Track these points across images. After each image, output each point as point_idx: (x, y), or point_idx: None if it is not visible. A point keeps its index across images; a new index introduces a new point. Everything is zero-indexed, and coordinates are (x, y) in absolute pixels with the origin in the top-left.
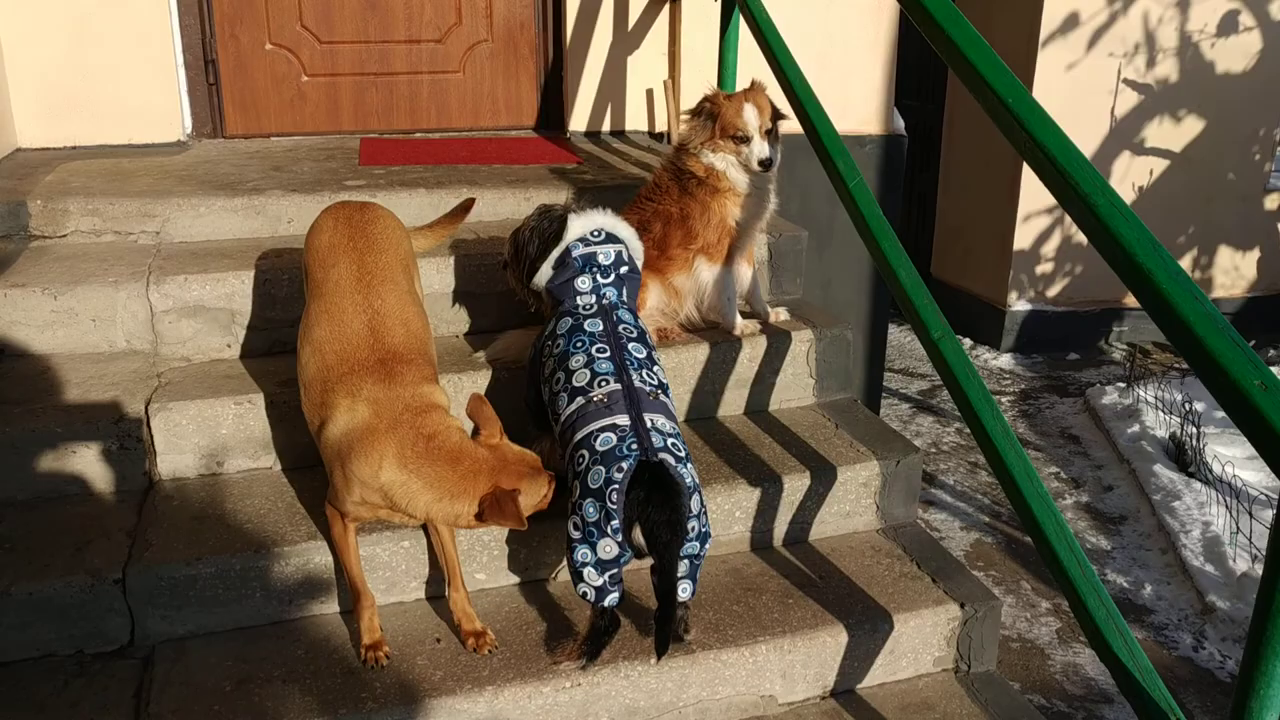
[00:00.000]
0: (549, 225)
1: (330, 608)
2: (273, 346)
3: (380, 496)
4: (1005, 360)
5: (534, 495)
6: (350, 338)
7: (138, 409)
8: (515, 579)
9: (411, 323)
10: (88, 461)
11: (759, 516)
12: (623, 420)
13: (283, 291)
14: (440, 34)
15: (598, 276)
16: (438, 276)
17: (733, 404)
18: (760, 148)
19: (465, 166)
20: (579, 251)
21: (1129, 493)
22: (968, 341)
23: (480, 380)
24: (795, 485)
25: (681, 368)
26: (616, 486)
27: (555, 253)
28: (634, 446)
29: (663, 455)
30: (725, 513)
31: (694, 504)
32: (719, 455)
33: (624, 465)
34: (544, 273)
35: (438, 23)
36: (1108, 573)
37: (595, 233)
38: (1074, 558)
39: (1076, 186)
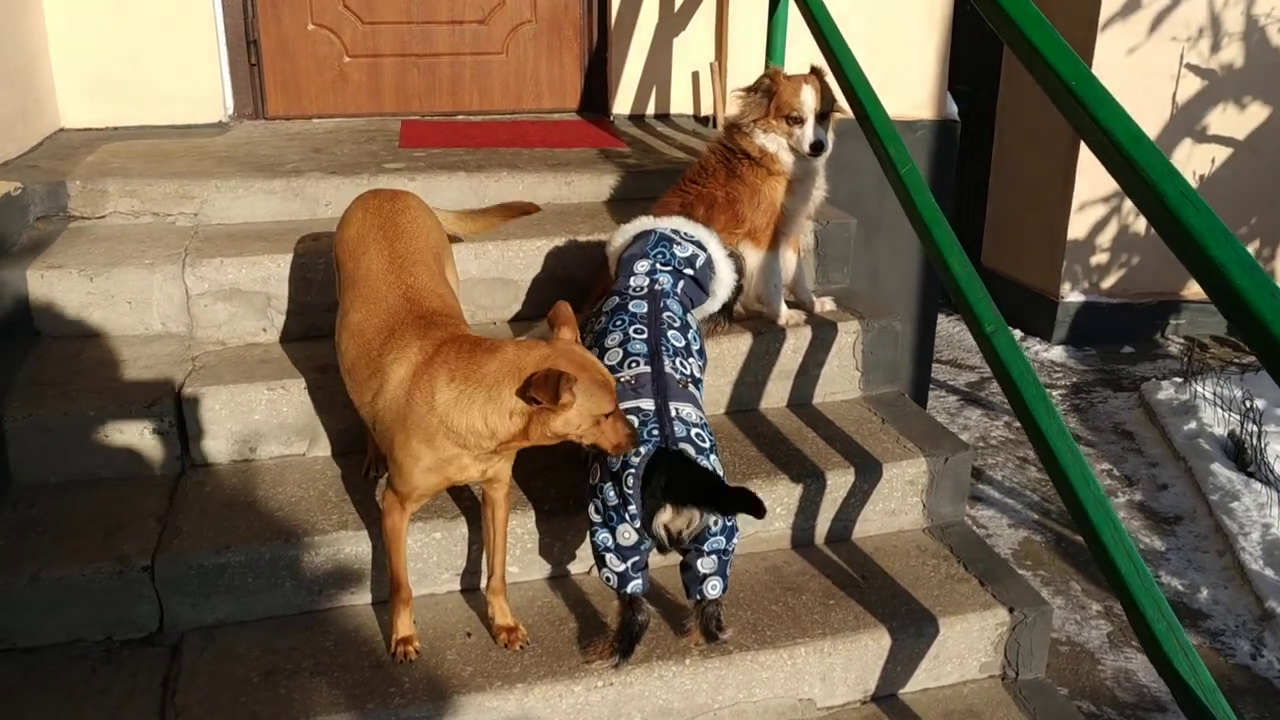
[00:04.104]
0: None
1: (360, 599)
2: (308, 331)
3: (448, 438)
4: (1057, 353)
5: (591, 403)
6: (387, 310)
7: (172, 393)
8: (548, 571)
9: (446, 298)
10: (120, 445)
11: (800, 513)
12: (648, 405)
13: (319, 275)
14: (483, 15)
15: (658, 263)
16: (475, 263)
17: (776, 396)
18: (812, 131)
19: (506, 150)
20: (662, 230)
21: (1184, 492)
22: (1018, 333)
23: None
24: (839, 482)
25: (723, 358)
26: (633, 471)
27: (644, 224)
28: (654, 433)
29: (683, 445)
30: (766, 509)
31: None
32: (760, 449)
33: (641, 450)
34: (626, 233)
35: (481, 3)
36: (1162, 575)
37: (688, 234)
38: (1132, 565)
39: (1144, 174)
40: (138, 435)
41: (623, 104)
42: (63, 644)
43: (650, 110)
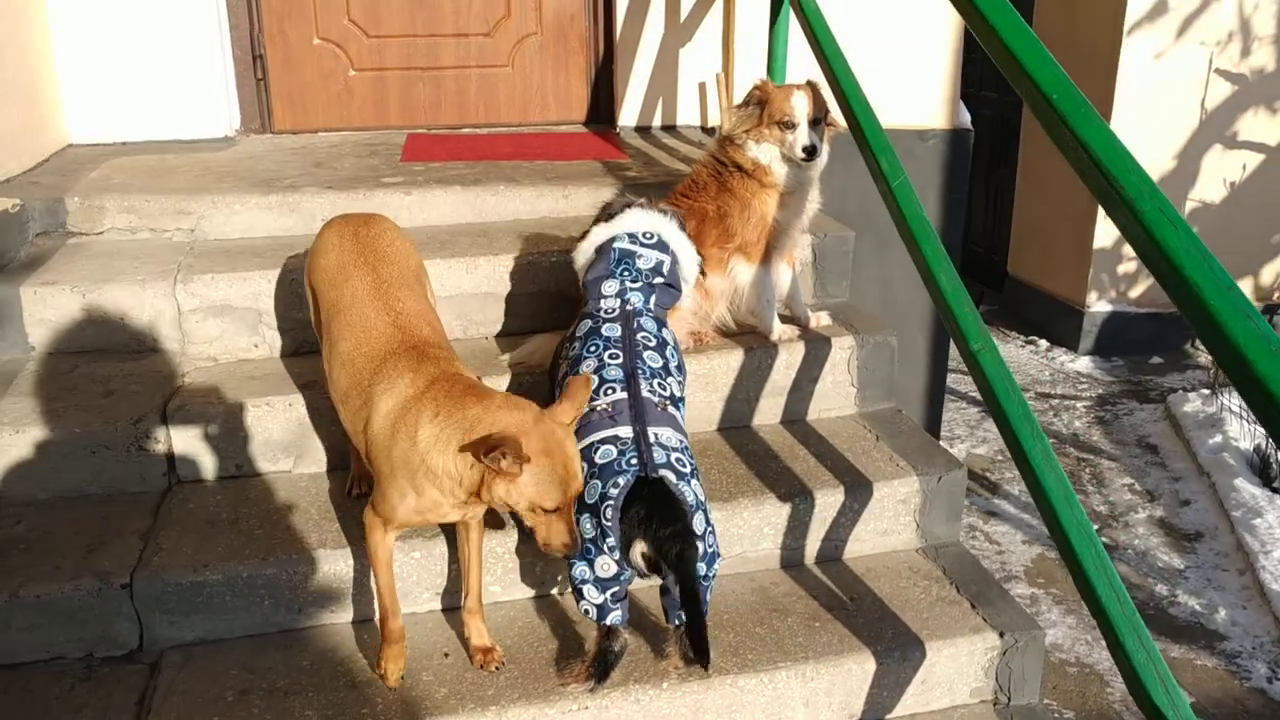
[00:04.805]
0: (614, 207)
1: (340, 617)
2: (299, 347)
3: (427, 478)
4: (1083, 363)
5: (536, 491)
6: (377, 338)
7: (159, 409)
8: (530, 592)
9: (435, 323)
10: (108, 462)
11: (789, 533)
12: (625, 432)
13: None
14: (489, 27)
15: (626, 280)
16: (467, 277)
17: (768, 412)
18: (804, 135)
19: (507, 163)
20: (621, 245)
21: (1207, 508)
22: (1044, 343)
23: (505, 384)
24: (829, 501)
25: (714, 373)
26: (611, 503)
27: (601, 235)
28: (633, 461)
29: (663, 472)
30: (753, 529)
31: (698, 523)
32: (749, 467)
33: (620, 481)
34: (586, 252)
35: (486, 16)
36: (1179, 594)
37: (648, 234)
38: (1112, 592)
39: (1120, 190)
40: (125, 452)
41: (629, 115)
42: (43, 661)
43: (657, 122)
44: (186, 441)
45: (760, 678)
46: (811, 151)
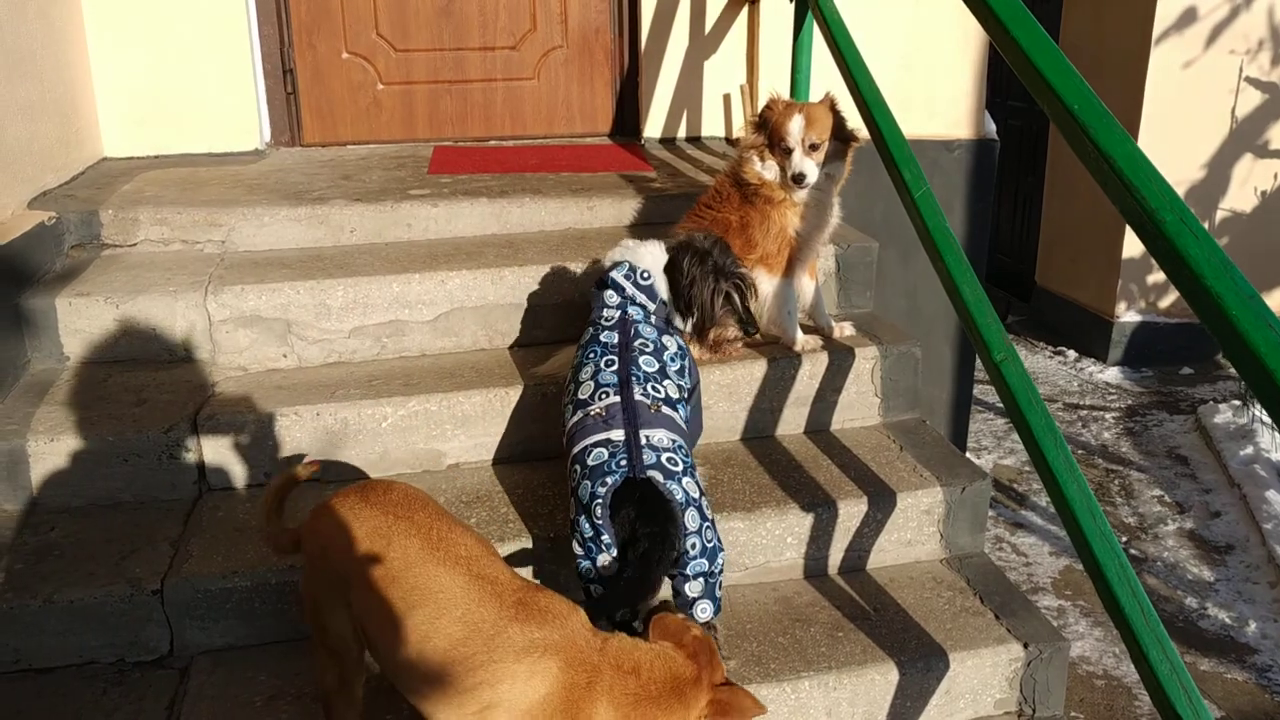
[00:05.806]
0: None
1: None
2: (328, 357)
3: None
4: (1112, 374)
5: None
6: (470, 598)
7: (189, 418)
8: None
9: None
10: (140, 470)
11: (813, 543)
12: (618, 435)
13: (338, 301)
14: (515, 40)
15: (625, 297)
16: (493, 288)
17: (792, 422)
18: (796, 162)
19: (532, 175)
20: (615, 275)
21: (1238, 520)
22: (1072, 354)
23: (528, 395)
24: (852, 511)
25: (738, 384)
26: (600, 501)
27: (617, 254)
28: (623, 463)
29: (651, 472)
30: (776, 538)
31: (690, 519)
32: (773, 477)
33: (608, 480)
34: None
35: (512, 29)
36: (1209, 606)
37: (645, 274)
38: (1136, 603)
39: (1142, 201)
40: (156, 460)
41: (654, 127)
42: (76, 665)
43: (681, 133)
44: (217, 450)
45: (783, 687)
46: (798, 179)
